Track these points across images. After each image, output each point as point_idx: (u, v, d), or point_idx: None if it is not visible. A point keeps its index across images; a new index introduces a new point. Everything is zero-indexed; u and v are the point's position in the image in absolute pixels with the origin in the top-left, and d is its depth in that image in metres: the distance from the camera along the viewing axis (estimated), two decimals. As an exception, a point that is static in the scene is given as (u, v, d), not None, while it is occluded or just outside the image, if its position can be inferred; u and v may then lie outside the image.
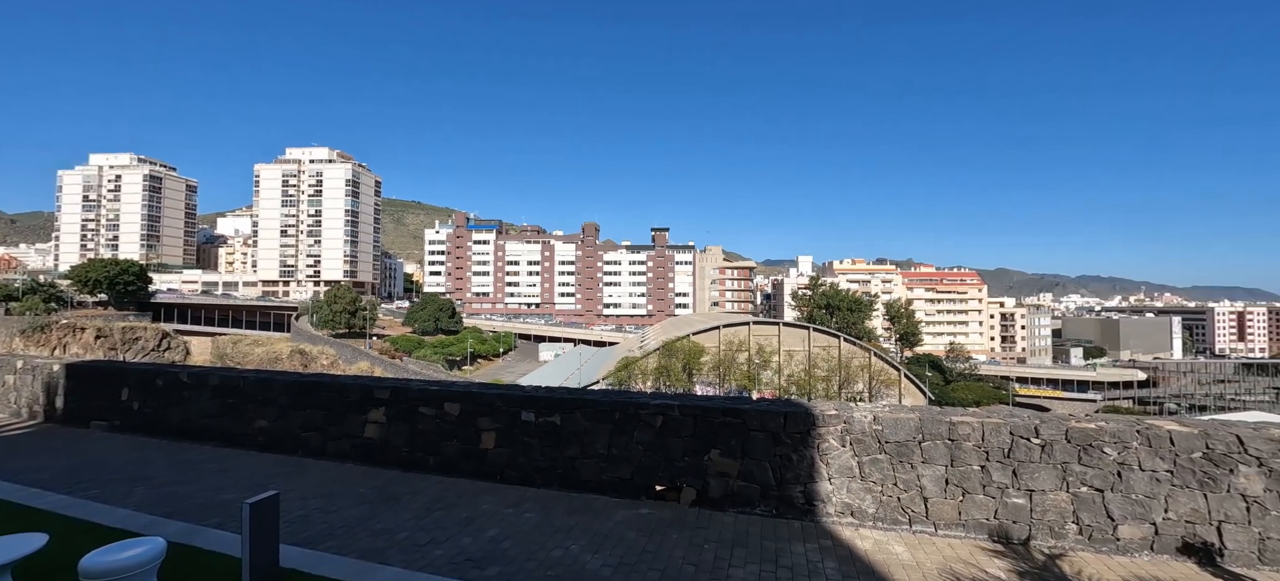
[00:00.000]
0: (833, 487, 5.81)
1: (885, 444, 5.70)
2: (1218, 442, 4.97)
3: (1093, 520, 5.19)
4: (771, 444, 5.96)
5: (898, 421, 5.68)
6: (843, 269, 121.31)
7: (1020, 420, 5.43)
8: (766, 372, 53.01)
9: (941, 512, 5.53)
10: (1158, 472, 5.07)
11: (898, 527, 5.61)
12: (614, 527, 5.61)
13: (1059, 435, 5.28)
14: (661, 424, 6.30)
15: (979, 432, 5.45)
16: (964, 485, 5.50)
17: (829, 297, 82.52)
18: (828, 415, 5.86)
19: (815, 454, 5.85)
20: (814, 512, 5.82)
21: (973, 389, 72.38)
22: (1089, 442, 5.21)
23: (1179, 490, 5.05)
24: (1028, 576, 4.77)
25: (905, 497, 5.63)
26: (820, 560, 5.00)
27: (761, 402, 6.34)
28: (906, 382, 58.88)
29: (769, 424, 5.98)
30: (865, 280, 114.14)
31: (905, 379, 58.84)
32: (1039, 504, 5.29)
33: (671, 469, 6.27)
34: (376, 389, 7.53)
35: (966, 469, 5.49)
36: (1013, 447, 5.38)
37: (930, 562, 4.97)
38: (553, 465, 6.66)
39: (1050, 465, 5.29)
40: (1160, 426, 5.15)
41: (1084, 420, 5.34)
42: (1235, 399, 72.41)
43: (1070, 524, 5.25)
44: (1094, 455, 5.21)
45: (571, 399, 6.71)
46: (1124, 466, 5.14)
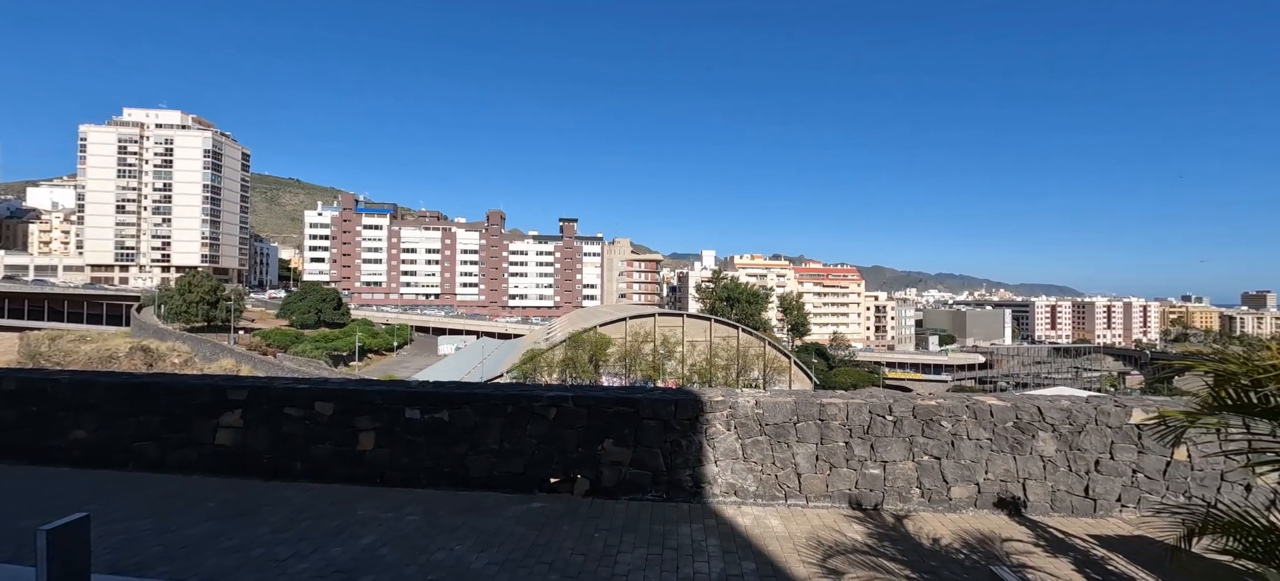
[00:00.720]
0: (719, 469, 6.13)
1: (765, 426, 6.13)
2: (1024, 413, 5.96)
3: (932, 484, 5.98)
4: (663, 431, 6.16)
5: (776, 405, 6.13)
6: (743, 263, 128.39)
7: (877, 400, 6.11)
8: (671, 362, 54.77)
9: (812, 486, 6.07)
10: (981, 440, 5.96)
11: (775, 503, 6.07)
12: (504, 524, 5.48)
13: (907, 412, 6.01)
14: (555, 416, 6.25)
15: (844, 412, 6.04)
16: (831, 460, 6.07)
17: (730, 291, 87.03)
18: (715, 401, 6.17)
19: (703, 439, 6.14)
20: (701, 494, 6.11)
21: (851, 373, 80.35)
22: (930, 418, 5.98)
23: (996, 454, 5.97)
24: (879, 536, 5.39)
25: (782, 475, 6.10)
26: (704, 538, 5.27)
27: (654, 391, 6.52)
28: (796, 369, 63.90)
29: (661, 412, 6.16)
30: (762, 274, 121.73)
31: (795, 366, 63.82)
32: (891, 473, 5.99)
33: (565, 460, 6.25)
34: (231, 389, 6.66)
35: (834, 445, 6.07)
36: (871, 425, 6.03)
37: (800, 532, 5.44)
38: (440, 463, 6.34)
39: (900, 438, 6.01)
40: (984, 401, 6.06)
41: (927, 399, 6.13)
42: (1047, 377, 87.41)
43: (915, 488, 6.01)
44: (934, 428, 6.00)
45: (461, 393, 6.42)
46: (957, 436, 5.98)
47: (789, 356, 65.59)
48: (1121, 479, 5.88)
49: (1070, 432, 5.89)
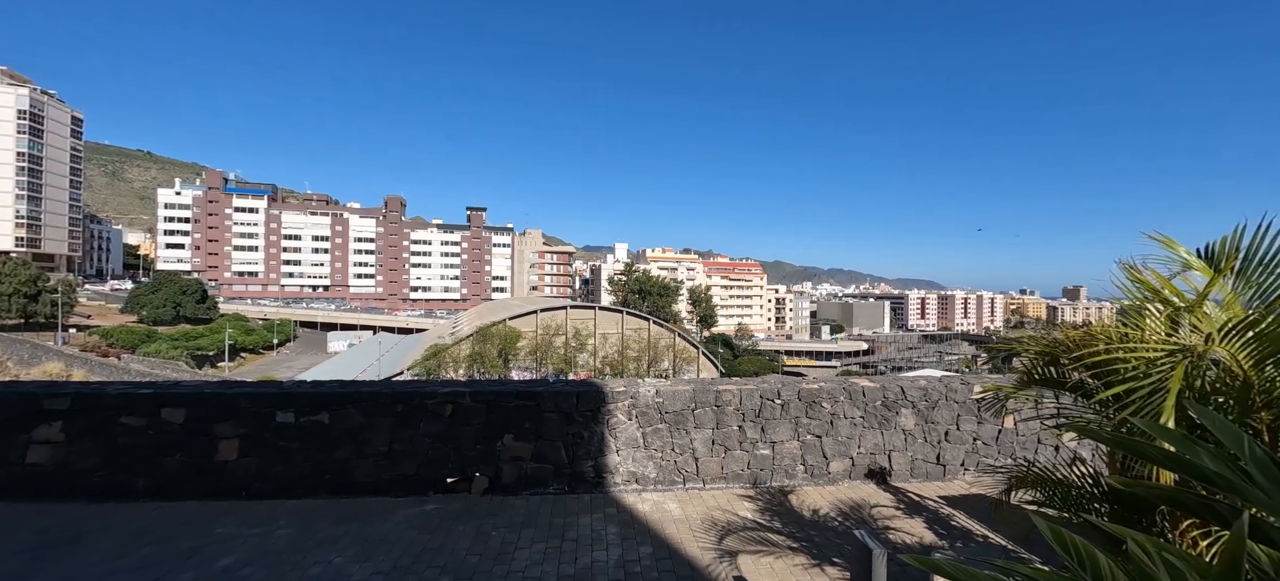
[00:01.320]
0: (620, 458, 6.22)
1: (666, 414, 6.31)
2: (890, 393, 6.68)
3: (814, 460, 6.52)
4: (564, 423, 6.12)
5: (676, 393, 6.34)
6: (655, 257, 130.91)
7: (768, 385, 6.53)
8: (583, 355, 54.64)
9: (709, 469, 6.36)
10: (855, 418, 6.59)
11: (674, 487, 6.28)
12: (392, 529, 5.15)
13: (794, 396, 6.49)
14: (452, 413, 5.97)
15: (738, 398, 6.39)
16: (726, 443, 6.40)
17: (641, 283, 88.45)
18: (616, 392, 6.24)
19: (605, 429, 6.19)
20: (603, 484, 6.17)
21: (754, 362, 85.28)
22: (813, 400, 6.51)
23: (867, 430, 6.64)
24: (767, 512, 5.78)
25: (681, 460, 6.33)
26: (604, 527, 5.33)
27: (557, 384, 6.46)
28: (704, 359, 66.57)
29: (562, 404, 6.12)
30: (673, 268, 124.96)
31: (703, 356, 66.44)
32: (779, 452, 6.45)
33: (463, 458, 6.01)
34: (48, 397, 5.61)
35: (728, 429, 6.40)
36: (762, 409, 6.43)
37: (697, 514, 5.68)
38: (319, 471, 5.82)
39: (787, 420, 6.48)
40: (858, 384, 6.71)
41: (811, 383, 6.66)
42: (917, 361, 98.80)
43: (799, 465, 6.52)
44: (816, 409, 6.53)
45: (344, 393, 5.92)
46: (835, 416, 6.56)
47: (697, 347, 68.08)
48: (965, 446, 6.80)
49: (926, 408, 6.70)
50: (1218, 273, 2.36)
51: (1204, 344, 2.24)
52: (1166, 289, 2.55)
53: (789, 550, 4.99)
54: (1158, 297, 2.56)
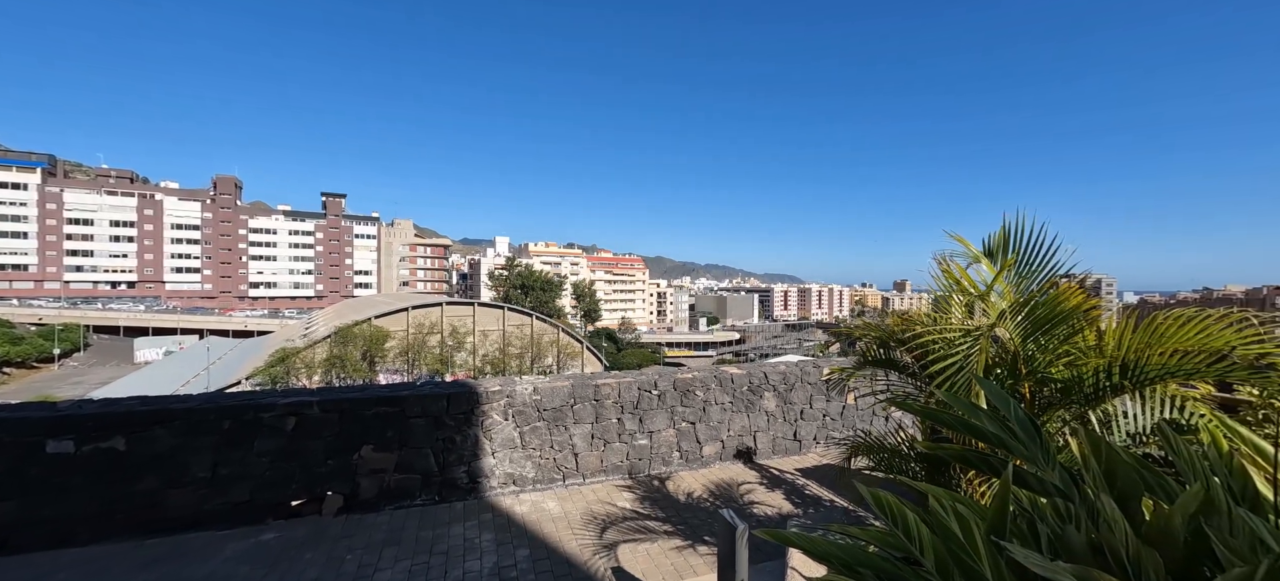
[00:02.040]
0: (496, 461, 5.96)
1: (544, 411, 6.17)
2: (755, 378, 7.23)
3: (689, 446, 6.83)
4: (433, 428, 5.70)
5: (554, 390, 6.23)
6: (537, 251, 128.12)
7: (645, 377, 6.70)
8: (461, 354, 51.69)
9: (589, 464, 6.35)
10: (724, 404, 7.03)
11: (554, 485, 6.18)
12: (218, 568, 4.39)
13: (669, 386, 6.73)
14: (295, 426, 5.25)
15: (616, 391, 6.47)
16: (606, 437, 6.45)
17: (524, 278, 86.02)
18: (491, 391, 5.96)
19: (479, 431, 5.88)
20: (478, 490, 5.86)
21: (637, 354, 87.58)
22: (687, 389, 6.82)
23: (736, 414, 7.12)
24: (646, 500, 5.94)
25: (560, 457, 6.24)
26: (478, 535, 5.06)
27: (424, 387, 5.99)
28: (588, 354, 66.78)
29: (431, 408, 5.69)
30: (557, 262, 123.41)
31: (587, 350, 66.62)
32: (656, 441, 6.65)
33: (310, 477, 5.31)
34: None
35: (608, 423, 6.45)
36: (640, 400, 6.58)
37: (576, 510, 5.65)
38: (114, 509, 4.76)
39: (664, 410, 6.71)
40: (727, 371, 7.16)
41: (685, 373, 6.96)
42: (781, 348, 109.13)
43: (675, 452, 6.79)
44: (690, 398, 6.85)
45: (148, 411, 4.90)
46: (707, 403, 6.94)
47: (582, 342, 68.06)
48: (817, 422, 7.61)
49: (785, 391, 7.38)
50: (1000, 268, 2.92)
51: (991, 324, 2.74)
52: (965, 279, 3.09)
53: (665, 535, 5.16)
54: (958, 288, 3.09)
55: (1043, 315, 2.66)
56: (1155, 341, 2.47)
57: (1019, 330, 2.72)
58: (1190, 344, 2.40)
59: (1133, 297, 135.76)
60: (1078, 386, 2.80)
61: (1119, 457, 1.41)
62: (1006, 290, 3.00)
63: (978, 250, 3.23)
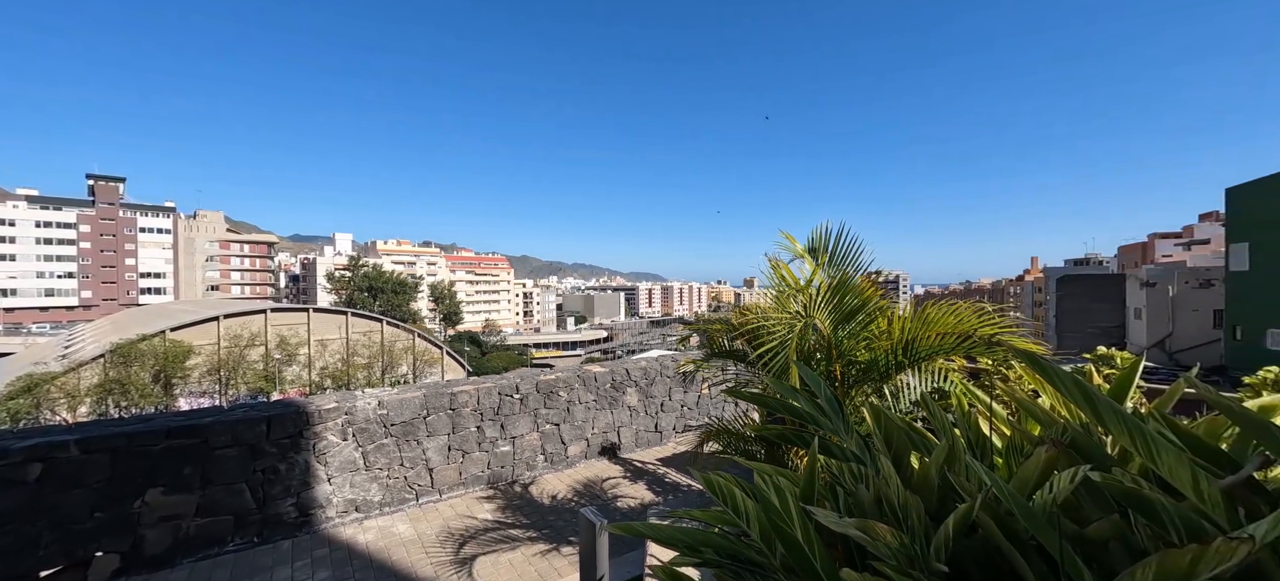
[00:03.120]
0: (334, 487, 5.30)
1: (391, 426, 5.64)
2: (618, 375, 7.41)
3: (554, 448, 6.76)
4: (249, 459, 4.87)
5: (404, 402, 5.72)
6: (388, 250, 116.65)
7: (506, 381, 6.47)
8: (294, 368, 44.86)
9: (446, 478, 5.96)
10: (588, 403, 7.09)
11: (405, 506, 5.68)
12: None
13: (532, 389, 6.60)
14: (42, 475, 4.10)
15: (475, 397, 6.16)
16: (464, 447, 6.10)
17: (372, 280, 77.70)
18: (326, 409, 5.28)
19: (310, 456, 5.17)
20: (311, 523, 5.15)
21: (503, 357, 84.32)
22: (551, 390, 6.74)
23: (600, 411, 7.23)
24: (509, 508, 5.75)
25: (412, 474, 5.75)
26: (310, 574, 4.45)
27: (236, 411, 5.08)
28: (449, 359, 62.56)
29: (245, 434, 4.85)
30: (411, 262, 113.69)
31: (448, 356, 62.40)
32: (520, 446, 6.47)
33: (69, 536, 4.19)
34: None
35: (466, 432, 6.11)
36: (501, 405, 6.34)
37: (432, 529, 5.25)
38: None
39: (526, 413, 6.55)
40: (591, 370, 7.24)
41: (547, 374, 6.88)
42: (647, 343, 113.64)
43: (540, 456, 6.67)
44: (554, 399, 6.78)
45: None
46: (572, 403, 6.94)
47: (441, 347, 63.47)
48: (676, 413, 8.05)
49: (646, 385, 7.68)
50: (816, 266, 3.39)
51: (806, 315, 3.15)
52: (788, 275, 3.53)
53: (529, 541, 5.05)
54: (785, 282, 3.52)
55: (847, 307, 3.15)
56: (925, 327, 3.06)
57: (831, 320, 3.18)
58: (948, 327, 3.02)
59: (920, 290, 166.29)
60: (875, 366, 3.34)
61: (893, 424, 1.71)
62: (823, 284, 3.47)
63: (802, 248, 3.70)
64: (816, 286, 3.45)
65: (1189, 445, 1.40)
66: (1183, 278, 25.46)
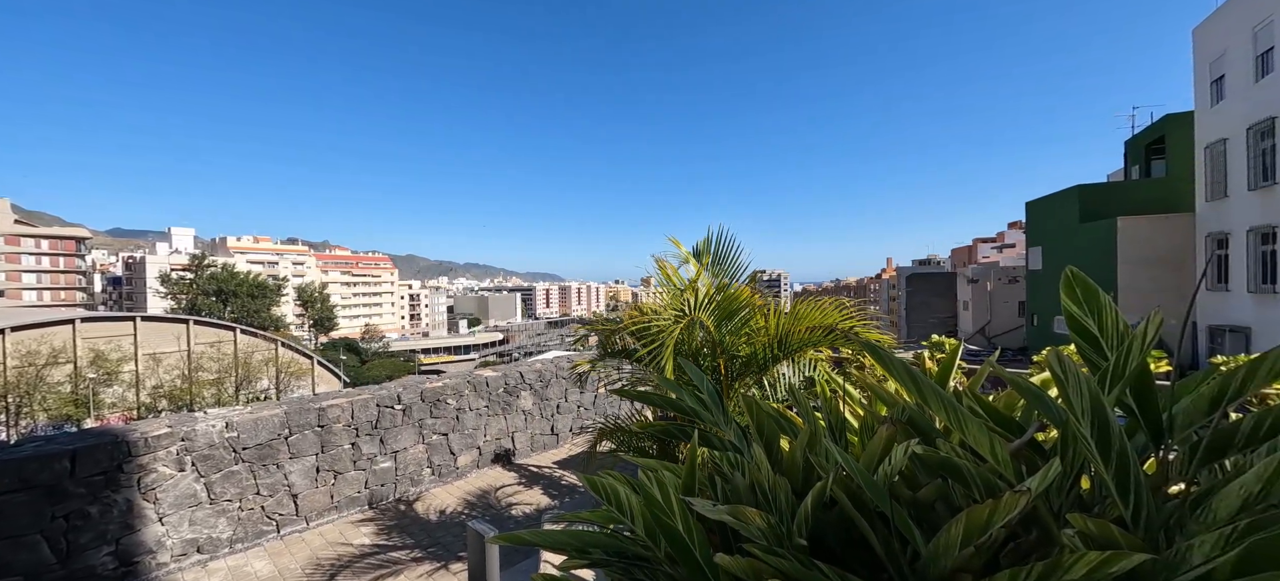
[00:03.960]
0: (168, 528, 4.51)
1: (244, 451, 4.94)
2: (511, 379, 7.18)
3: (442, 460, 6.38)
4: (46, 503, 3.98)
5: (259, 421, 5.04)
6: (242, 247, 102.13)
7: (385, 392, 5.98)
8: (116, 388, 37.40)
9: (314, 503, 5.35)
10: (480, 409, 6.79)
11: (263, 540, 5.01)
12: None
13: (416, 398, 6.16)
14: None
15: (349, 411, 5.61)
16: (336, 467, 5.53)
17: (221, 281, 67.51)
18: (155, 436, 4.48)
19: (134, 493, 4.36)
20: (137, 572, 4.34)
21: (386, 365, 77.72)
22: (438, 399, 6.35)
23: (493, 417, 6.95)
24: (391, 529, 5.31)
25: (271, 503, 5.09)
26: (134, 633, 3.75)
27: (25, 445, 4.13)
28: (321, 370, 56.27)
29: (38, 474, 3.96)
30: (273, 262, 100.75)
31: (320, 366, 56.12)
32: (402, 461, 6.01)
33: None
34: None
35: (339, 450, 5.54)
36: (380, 418, 5.84)
37: (296, 563, 4.69)
38: None
39: (410, 425, 6.10)
40: (482, 375, 6.93)
41: (433, 381, 6.47)
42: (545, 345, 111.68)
43: (426, 469, 6.25)
44: (442, 408, 6.39)
45: None
46: (461, 411, 6.59)
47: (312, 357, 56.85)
48: (572, 414, 7.99)
49: (541, 387, 7.54)
50: (700, 268, 3.57)
51: (689, 314, 3.30)
52: (675, 276, 3.67)
53: (413, 562, 4.71)
54: (671, 283, 3.65)
55: (727, 306, 3.35)
56: (796, 322, 3.35)
57: (713, 318, 3.36)
58: (815, 322, 3.33)
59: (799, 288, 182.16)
60: (755, 359, 3.58)
61: (764, 412, 1.84)
62: (707, 284, 3.66)
63: (687, 252, 3.86)
64: (701, 286, 3.62)
65: (991, 416, 1.67)
66: (997, 275, 30.59)
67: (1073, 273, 1.50)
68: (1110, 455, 0.97)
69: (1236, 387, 1.22)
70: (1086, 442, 0.99)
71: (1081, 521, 0.95)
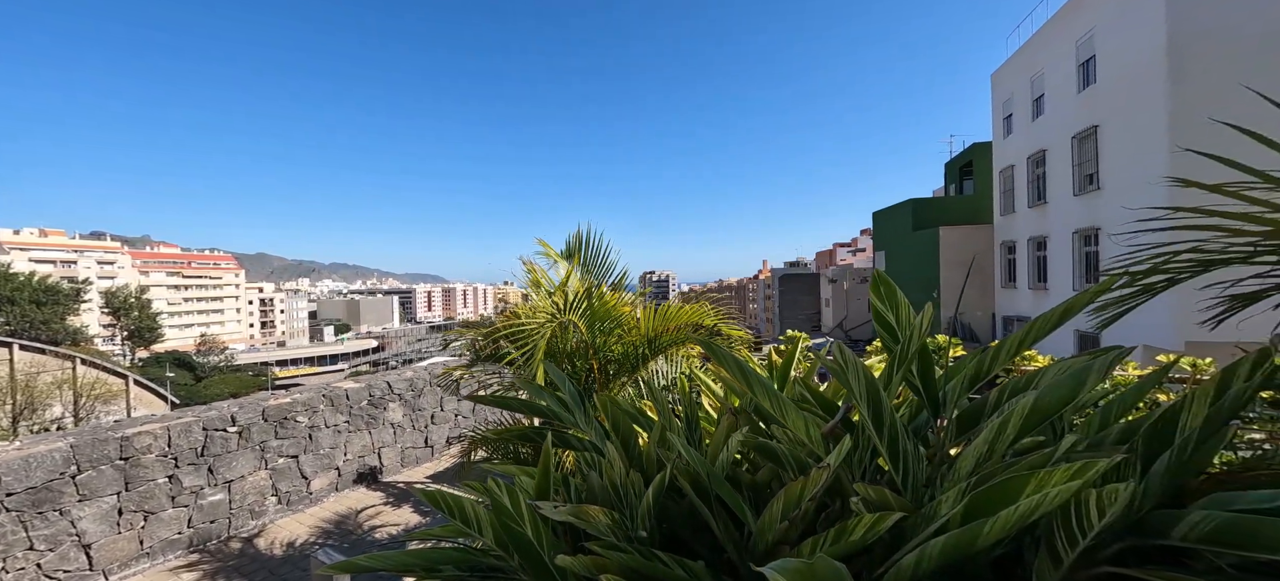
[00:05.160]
0: (-120, 607, 3.45)
1: (8, 498, 3.94)
2: (376, 390, 6.59)
3: (290, 486, 5.65)
4: None
5: (31, 460, 4.06)
6: (23, 242, 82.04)
7: (216, 413, 5.15)
8: None
9: (115, 553, 4.44)
10: (339, 425, 6.13)
11: (37, 605, 4.04)
12: None
13: (256, 417, 5.39)
14: None
15: (164, 438, 4.74)
16: (148, 506, 4.64)
17: (-10, 286, 53.44)
18: None
19: None
20: None
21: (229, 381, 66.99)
22: (284, 416, 5.61)
23: (355, 433, 6.32)
24: (220, 572, 4.58)
25: (51, 560, 4.12)
26: None
27: None
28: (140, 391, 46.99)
29: None
30: (69, 260, 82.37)
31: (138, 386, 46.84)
32: (238, 491, 5.22)
33: None
34: None
35: (150, 486, 4.65)
36: (207, 444, 5.02)
37: (86, 626, 3.85)
38: None
39: (249, 449, 5.32)
40: (340, 387, 6.27)
41: (280, 397, 5.72)
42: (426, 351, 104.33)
43: (270, 497, 5.50)
44: (290, 426, 5.67)
45: None
46: (315, 429, 5.89)
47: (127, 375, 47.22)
48: (449, 423, 7.54)
49: (413, 397, 7.01)
50: (569, 270, 3.56)
51: (557, 317, 3.28)
52: (545, 278, 3.62)
53: (250, 605, 4.11)
54: (541, 285, 3.60)
55: (599, 307, 3.39)
56: (666, 321, 3.48)
57: (585, 319, 3.37)
58: (683, 320, 3.49)
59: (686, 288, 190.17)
60: (629, 358, 3.65)
61: (620, 410, 1.87)
62: (579, 285, 3.66)
63: (558, 252, 3.83)
64: (572, 288, 3.61)
65: (818, 401, 1.86)
66: (852, 276, 34.63)
67: (878, 274, 1.72)
68: (883, 429, 1.12)
69: (987, 365, 1.48)
70: (864, 419, 1.13)
71: (863, 488, 1.09)
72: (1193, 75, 11.25)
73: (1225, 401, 0.87)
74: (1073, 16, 15.46)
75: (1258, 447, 1.82)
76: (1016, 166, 18.75)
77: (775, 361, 2.52)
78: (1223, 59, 11.01)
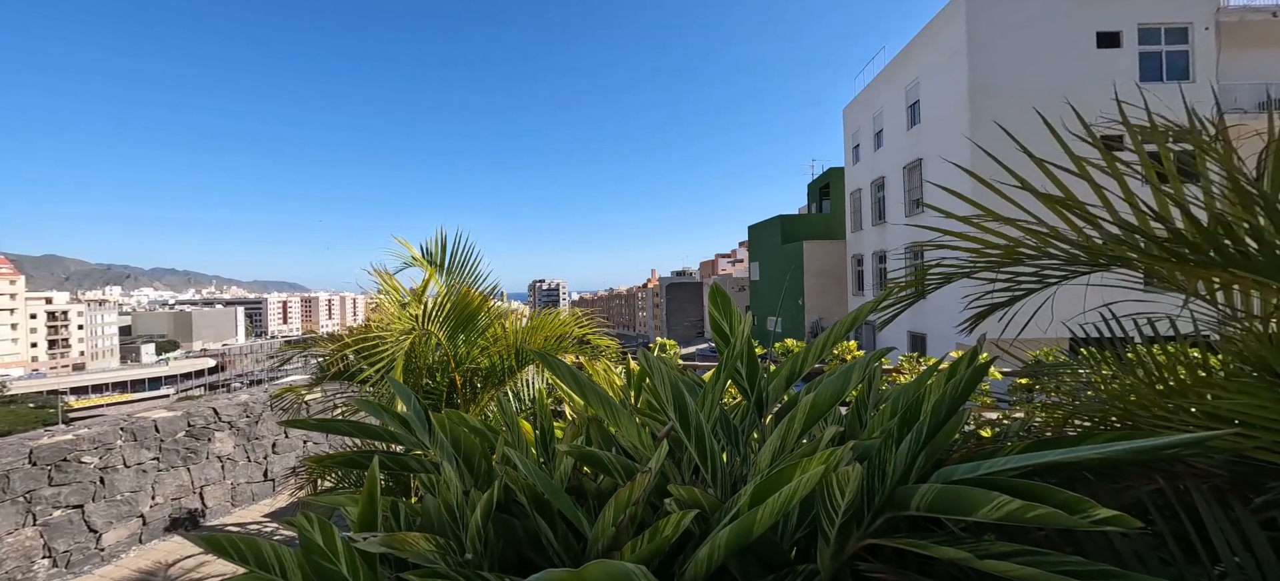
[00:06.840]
0: None
1: None
2: (198, 419, 5.62)
3: (71, 543, 4.59)
4: None
5: None
6: None
7: (-48, 458, 4.03)
8: None
9: None
10: (144, 463, 5.13)
11: None
12: None
13: (21, 461, 4.31)
14: None
15: None
16: None
17: None
18: None
19: None
20: None
21: (3, 416, 53.04)
22: (64, 458, 4.56)
23: (167, 472, 5.32)
24: (-45, 665, 3.56)
25: None
26: None
27: None
28: None
29: None
30: None
31: None
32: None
33: None
34: None
35: None
36: (-62, 500, 3.90)
37: None
38: None
39: (8, 502, 4.24)
40: (146, 418, 5.25)
41: (58, 435, 4.64)
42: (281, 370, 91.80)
43: (41, 560, 4.41)
44: (72, 469, 4.61)
45: None
46: (108, 469, 4.86)
47: None
48: (296, 451, 6.67)
49: (248, 425, 6.09)
50: (429, 274, 3.35)
51: (414, 327, 3.06)
52: (399, 285, 3.37)
53: (-2, 702, 3.24)
54: (396, 293, 3.34)
55: (461, 316, 3.22)
56: (533, 332, 3.41)
57: (446, 329, 3.19)
58: (551, 330, 3.44)
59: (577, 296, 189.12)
60: (496, 370, 3.51)
61: (460, 427, 1.78)
62: (441, 290, 3.45)
63: (418, 254, 3.58)
64: (433, 295, 3.40)
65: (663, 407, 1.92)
66: (732, 284, 37.04)
67: (715, 286, 1.83)
68: (690, 429, 1.18)
69: (799, 367, 1.64)
70: (671, 421, 1.19)
71: (677, 489, 1.15)
72: (986, 121, 13.79)
73: (946, 392, 1.04)
74: (904, 65, 18.15)
75: (995, 426, 2.24)
76: (862, 190, 21.46)
77: (633, 368, 2.58)
78: (1013, 109, 13.65)
